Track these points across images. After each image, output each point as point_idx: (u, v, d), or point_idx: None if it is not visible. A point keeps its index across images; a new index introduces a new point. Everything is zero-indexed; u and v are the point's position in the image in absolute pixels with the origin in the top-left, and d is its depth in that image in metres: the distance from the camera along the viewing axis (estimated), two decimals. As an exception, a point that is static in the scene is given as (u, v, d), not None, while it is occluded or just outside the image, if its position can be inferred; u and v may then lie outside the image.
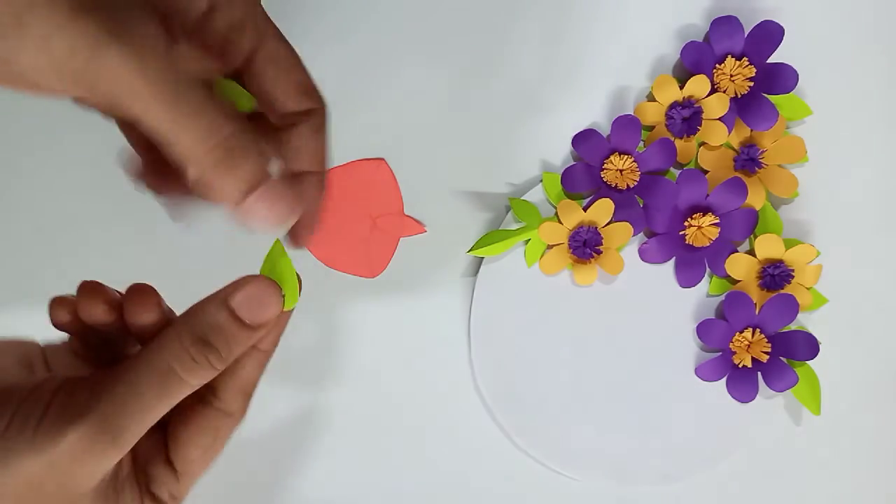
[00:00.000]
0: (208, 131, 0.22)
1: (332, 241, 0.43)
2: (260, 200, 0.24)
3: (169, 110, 0.22)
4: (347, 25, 0.44)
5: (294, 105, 0.27)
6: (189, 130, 0.22)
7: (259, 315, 0.27)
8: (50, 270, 0.43)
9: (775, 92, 0.41)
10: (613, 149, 0.42)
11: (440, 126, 0.43)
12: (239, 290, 0.27)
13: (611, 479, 0.42)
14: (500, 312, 0.42)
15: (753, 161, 0.42)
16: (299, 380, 0.43)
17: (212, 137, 0.22)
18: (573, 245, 0.42)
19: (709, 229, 0.41)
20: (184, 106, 0.22)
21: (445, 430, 0.43)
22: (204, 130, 0.22)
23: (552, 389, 0.42)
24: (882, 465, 0.43)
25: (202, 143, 0.22)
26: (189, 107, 0.22)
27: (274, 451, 0.43)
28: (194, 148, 0.22)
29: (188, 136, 0.22)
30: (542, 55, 0.44)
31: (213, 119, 0.22)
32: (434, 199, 0.43)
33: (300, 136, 0.27)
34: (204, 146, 0.22)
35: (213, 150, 0.23)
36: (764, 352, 0.41)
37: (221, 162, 0.23)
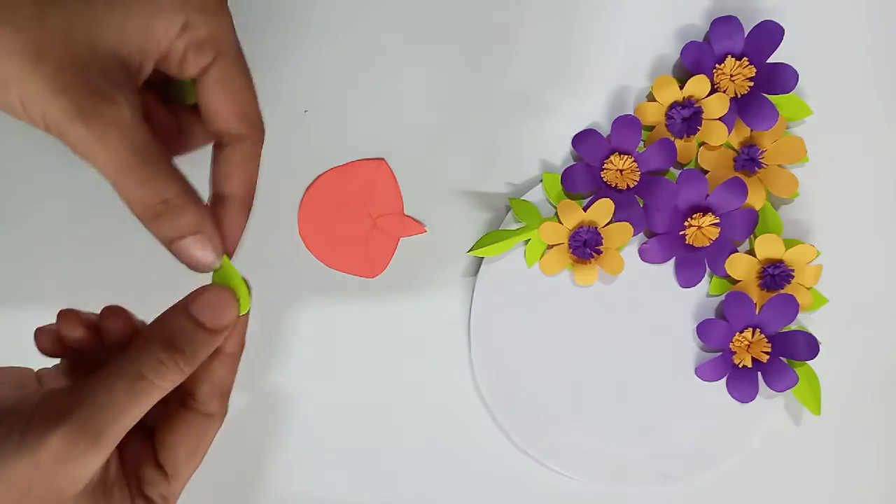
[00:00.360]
0: (149, 196, 0.27)
1: (333, 241, 0.43)
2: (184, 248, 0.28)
3: (120, 177, 0.26)
4: (347, 25, 0.44)
5: (230, 127, 0.29)
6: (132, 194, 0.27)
7: (218, 319, 0.29)
8: (47, 274, 0.43)
9: (775, 92, 0.41)
10: (613, 149, 0.42)
11: (440, 126, 0.43)
12: (198, 298, 0.29)
13: (611, 479, 0.42)
14: (500, 313, 0.42)
15: (753, 161, 0.42)
16: (299, 379, 0.43)
17: (154, 198, 0.27)
18: (573, 245, 0.42)
19: (709, 229, 0.41)
20: (131, 175, 0.26)
21: (445, 430, 0.43)
22: (149, 196, 0.27)
23: (552, 389, 0.42)
24: (882, 465, 0.43)
25: (141, 204, 0.27)
26: (135, 177, 0.26)
27: (272, 451, 0.43)
28: (138, 206, 0.27)
29: (134, 197, 0.27)
30: (542, 55, 0.44)
31: (155, 189, 0.27)
32: (434, 199, 0.43)
33: (230, 160, 0.29)
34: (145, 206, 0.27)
35: (153, 209, 0.27)
36: (764, 352, 0.41)
37: (158, 217, 0.27)
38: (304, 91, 0.43)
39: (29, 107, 0.25)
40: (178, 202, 0.27)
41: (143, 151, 0.26)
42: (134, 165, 0.26)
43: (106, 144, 0.25)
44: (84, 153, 0.26)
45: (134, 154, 0.26)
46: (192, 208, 0.28)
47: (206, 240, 0.28)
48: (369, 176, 0.43)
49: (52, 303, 0.43)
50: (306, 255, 0.43)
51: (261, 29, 0.43)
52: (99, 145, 0.25)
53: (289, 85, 0.43)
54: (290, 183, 0.43)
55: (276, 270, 0.43)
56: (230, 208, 0.30)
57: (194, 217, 0.28)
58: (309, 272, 0.43)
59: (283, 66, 0.43)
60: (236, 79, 0.29)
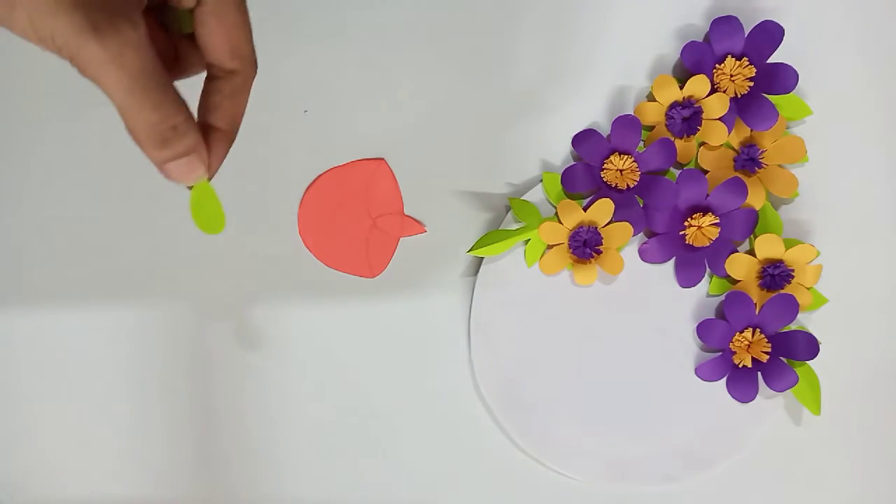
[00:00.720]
0: (159, 121, 0.26)
1: (333, 241, 0.43)
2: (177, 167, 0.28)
3: (132, 99, 0.25)
4: (347, 25, 0.44)
5: (222, 61, 0.29)
6: (143, 118, 0.26)
7: None
8: (48, 270, 0.43)
9: (775, 92, 0.41)
10: (613, 149, 0.42)
11: (440, 126, 0.43)
12: None
13: (611, 479, 0.42)
14: (500, 312, 0.42)
15: (753, 161, 0.42)
16: (299, 379, 0.43)
17: (160, 125, 0.26)
18: (573, 245, 0.42)
19: (709, 229, 0.41)
20: (145, 98, 0.26)
21: (445, 430, 0.43)
22: (155, 120, 0.26)
23: (552, 389, 0.42)
24: (882, 465, 0.43)
25: (151, 128, 0.26)
26: (149, 100, 0.26)
27: (272, 451, 0.43)
28: (143, 131, 0.26)
29: (141, 121, 0.26)
30: (542, 55, 0.44)
31: (166, 113, 0.26)
32: (434, 199, 0.43)
33: (219, 92, 0.30)
34: (151, 131, 0.27)
35: (156, 135, 0.27)
36: (764, 352, 0.41)
37: (159, 143, 0.27)
38: (304, 91, 0.43)
39: (38, 24, 0.24)
40: (185, 127, 0.27)
41: (156, 73, 0.26)
42: (147, 87, 0.25)
43: (121, 63, 0.25)
44: (96, 73, 0.25)
45: (147, 76, 0.25)
46: (194, 132, 0.28)
47: (197, 159, 0.29)
48: (369, 176, 0.43)
49: (52, 303, 0.43)
50: (306, 255, 0.43)
51: (261, 29, 0.43)
52: (114, 64, 0.24)
53: (289, 85, 0.43)
54: (290, 183, 0.43)
55: (277, 270, 0.43)
56: (214, 140, 0.30)
57: (195, 140, 0.28)
58: (309, 272, 0.43)
59: (283, 66, 0.43)
60: (232, 13, 0.29)
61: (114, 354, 0.43)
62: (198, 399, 0.43)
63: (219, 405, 0.43)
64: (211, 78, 0.30)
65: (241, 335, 0.43)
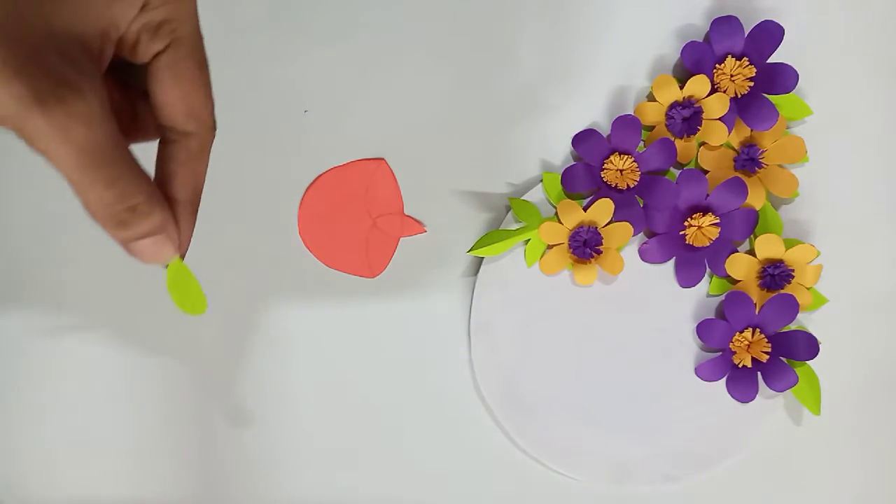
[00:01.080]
0: (114, 201, 0.24)
1: (333, 241, 0.43)
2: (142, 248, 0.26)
3: (82, 176, 0.23)
4: (347, 25, 0.44)
5: (176, 122, 0.27)
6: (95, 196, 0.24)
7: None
8: (48, 270, 0.43)
9: (775, 92, 0.41)
10: (613, 149, 0.42)
11: (440, 126, 0.43)
12: None
13: (611, 479, 0.42)
14: (500, 312, 0.42)
15: (753, 161, 0.42)
16: (299, 380, 0.43)
17: (115, 205, 0.24)
18: (573, 245, 0.42)
19: (709, 229, 0.41)
20: (96, 175, 0.23)
21: (445, 430, 0.43)
22: (110, 200, 0.24)
23: (552, 389, 0.42)
24: (882, 465, 0.43)
25: (105, 209, 0.24)
26: (101, 177, 0.23)
27: (272, 451, 0.43)
28: (97, 211, 0.24)
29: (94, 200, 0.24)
30: (542, 55, 0.44)
31: (123, 192, 0.24)
32: (434, 199, 0.43)
33: (174, 159, 0.27)
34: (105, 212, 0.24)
35: (111, 217, 0.24)
36: (764, 352, 0.41)
37: (116, 225, 0.25)
38: (304, 91, 0.43)
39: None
40: (146, 208, 0.25)
41: (111, 148, 0.23)
42: (99, 163, 0.23)
43: (67, 137, 0.22)
44: (42, 147, 0.22)
45: (99, 150, 0.23)
46: (159, 211, 0.25)
47: (166, 239, 0.26)
48: (369, 176, 0.43)
49: (52, 303, 0.43)
50: (306, 255, 0.43)
51: (261, 29, 0.43)
52: (60, 138, 0.22)
53: (289, 85, 0.43)
54: (290, 183, 0.43)
55: (276, 270, 0.43)
56: (177, 213, 0.27)
57: (160, 220, 0.26)
58: (309, 272, 0.43)
59: (283, 66, 0.43)
60: (189, 70, 0.26)
61: (113, 354, 0.43)
62: (197, 399, 0.43)
63: (218, 405, 0.43)
64: (165, 142, 0.27)
65: (240, 335, 0.43)
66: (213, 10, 0.43)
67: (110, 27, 0.24)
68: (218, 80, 0.43)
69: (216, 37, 0.43)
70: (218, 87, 0.45)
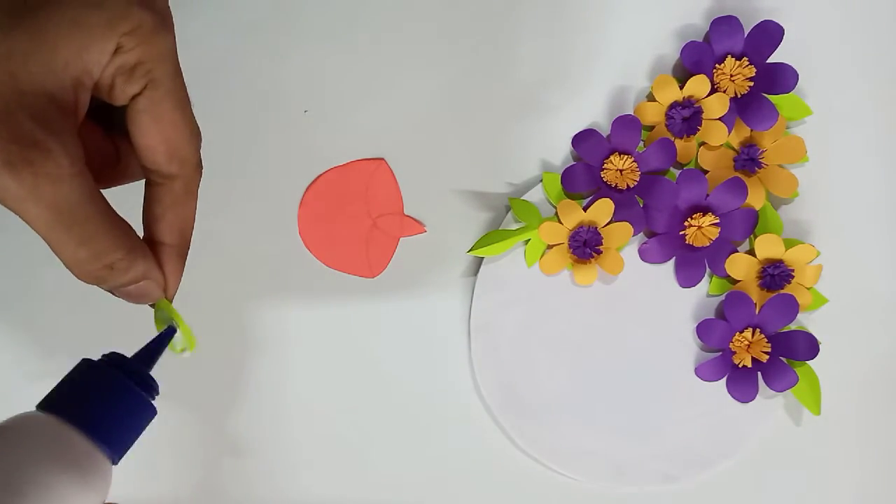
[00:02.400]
0: (89, 259, 0.24)
1: (333, 241, 0.43)
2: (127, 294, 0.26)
3: (55, 235, 0.23)
4: (347, 25, 0.44)
5: (158, 165, 0.26)
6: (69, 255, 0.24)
7: None
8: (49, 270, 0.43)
9: (775, 92, 0.41)
10: (613, 149, 0.42)
11: (440, 126, 0.43)
12: None
13: (611, 479, 0.42)
14: (500, 313, 0.42)
15: (753, 161, 0.42)
16: (299, 380, 0.43)
17: (90, 263, 0.24)
18: (573, 245, 0.42)
19: (709, 229, 0.41)
20: (69, 235, 0.23)
21: (445, 430, 0.43)
22: (84, 258, 0.24)
23: (552, 389, 0.42)
24: (882, 465, 0.43)
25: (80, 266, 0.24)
26: (73, 237, 0.23)
27: (272, 451, 0.43)
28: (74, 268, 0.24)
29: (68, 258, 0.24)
30: (542, 55, 0.44)
31: (98, 250, 0.24)
32: (434, 199, 0.43)
33: (159, 202, 0.27)
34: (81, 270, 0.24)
35: (87, 274, 0.24)
36: (764, 352, 0.41)
37: (96, 280, 0.25)
38: (304, 91, 0.43)
39: None
40: (124, 264, 0.25)
41: (83, 206, 0.23)
42: (71, 222, 0.23)
43: (37, 199, 0.22)
44: (14, 207, 0.23)
45: (71, 210, 0.23)
46: (140, 264, 0.25)
47: (151, 284, 0.26)
48: (369, 176, 0.43)
49: (52, 302, 0.43)
50: (306, 255, 0.43)
51: (261, 29, 0.43)
52: (29, 200, 0.22)
53: (289, 85, 0.43)
54: (290, 183, 0.43)
55: (277, 270, 0.43)
56: (163, 256, 0.27)
57: (142, 271, 0.26)
58: (309, 272, 0.43)
59: (283, 66, 0.43)
60: (168, 111, 0.25)
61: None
62: (197, 399, 0.43)
63: (218, 405, 0.43)
64: (150, 184, 0.27)
65: (240, 335, 0.43)
66: (213, 10, 0.43)
67: (83, 74, 0.24)
68: (218, 80, 0.43)
69: (216, 37, 0.43)
70: (218, 87, 0.45)
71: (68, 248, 0.24)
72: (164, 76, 0.25)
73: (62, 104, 0.23)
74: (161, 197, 0.26)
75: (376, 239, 0.43)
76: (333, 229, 0.43)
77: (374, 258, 0.43)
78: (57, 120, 0.23)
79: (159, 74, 0.25)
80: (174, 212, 0.27)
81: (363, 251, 0.43)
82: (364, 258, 0.43)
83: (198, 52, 0.43)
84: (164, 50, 0.25)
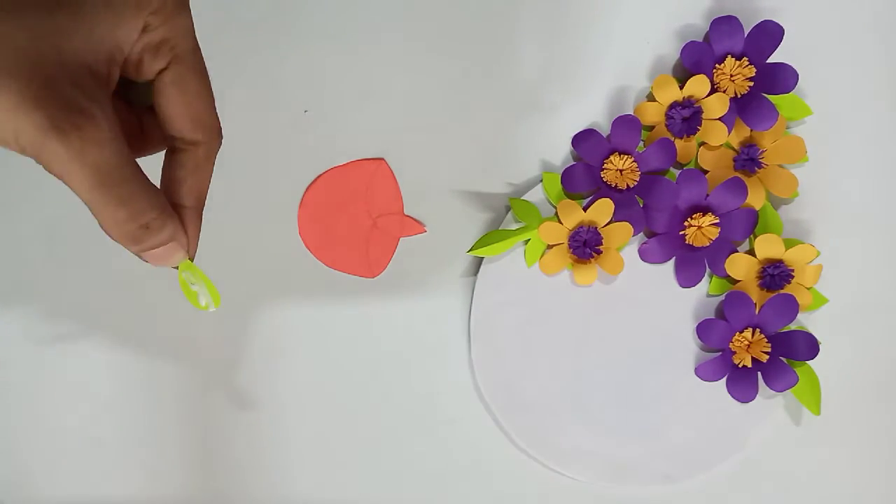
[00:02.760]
0: (127, 219, 0.26)
1: (333, 241, 0.43)
2: (154, 256, 0.28)
3: (98, 196, 0.25)
4: (347, 25, 0.44)
5: (184, 132, 0.28)
6: (109, 215, 0.25)
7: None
8: (49, 270, 0.43)
9: (775, 92, 0.41)
10: (613, 149, 0.42)
11: (440, 126, 0.43)
12: None
13: (611, 479, 0.42)
14: (500, 313, 0.42)
15: (753, 161, 0.42)
16: (299, 380, 0.43)
17: (128, 223, 0.26)
18: (573, 245, 0.42)
19: (709, 229, 0.41)
20: (110, 195, 0.25)
21: (445, 429, 0.43)
22: (123, 218, 0.26)
23: (552, 389, 0.42)
24: (882, 465, 0.43)
25: (119, 227, 0.26)
26: (114, 197, 0.25)
27: (272, 451, 0.43)
28: (112, 229, 0.26)
29: (108, 218, 0.26)
30: (542, 55, 0.44)
31: (135, 210, 0.26)
32: (434, 199, 0.43)
33: (182, 167, 0.29)
34: (120, 230, 0.26)
35: (125, 234, 0.26)
36: (764, 352, 0.41)
37: (130, 241, 0.27)
38: (304, 91, 0.43)
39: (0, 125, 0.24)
40: (158, 224, 0.27)
41: (123, 168, 0.25)
42: (113, 184, 0.25)
43: (83, 161, 0.24)
44: (60, 171, 0.24)
45: (112, 172, 0.25)
46: (170, 224, 0.27)
47: (176, 246, 0.28)
48: (369, 176, 0.43)
49: (52, 303, 0.43)
50: (306, 255, 0.43)
51: (261, 29, 0.43)
52: (76, 162, 0.24)
53: (289, 85, 0.43)
54: (290, 183, 0.43)
55: (277, 270, 0.43)
56: (184, 219, 0.29)
57: (171, 232, 0.27)
58: (309, 272, 0.43)
59: (283, 66, 0.43)
60: (192, 83, 0.28)
61: (113, 355, 0.43)
62: (197, 399, 0.43)
63: (218, 405, 0.43)
64: (172, 151, 0.29)
65: (240, 335, 0.43)
66: (213, 10, 0.43)
67: (115, 51, 0.26)
68: (218, 80, 0.43)
69: (216, 37, 0.43)
70: (218, 87, 0.45)
71: (108, 209, 0.25)
72: (186, 51, 0.27)
73: (99, 76, 0.25)
74: (185, 162, 0.28)
75: (376, 239, 0.43)
76: (333, 229, 0.43)
77: (374, 258, 0.43)
78: (96, 90, 0.25)
79: (182, 50, 0.27)
80: (196, 176, 0.29)
81: (363, 251, 0.43)
82: (364, 258, 0.43)
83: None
84: (185, 27, 0.27)
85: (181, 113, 0.28)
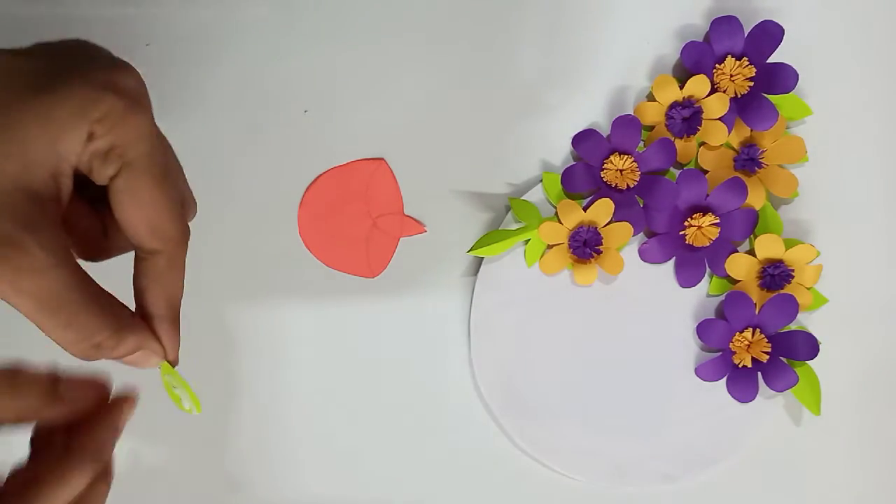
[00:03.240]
0: (77, 340, 0.25)
1: (333, 241, 0.43)
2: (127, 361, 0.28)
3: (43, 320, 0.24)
4: (347, 25, 0.44)
5: (140, 241, 0.27)
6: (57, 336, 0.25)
7: None
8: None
9: (775, 92, 0.41)
10: (613, 149, 0.42)
11: (440, 126, 0.43)
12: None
13: (611, 479, 0.42)
14: (500, 313, 0.42)
15: (753, 161, 0.42)
16: (299, 379, 0.43)
17: (79, 344, 0.25)
18: (573, 245, 0.42)
19: (709, 229, 0.41)
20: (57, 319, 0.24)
21: (445, 430, 0.43)
22: (72, 339, 0.25)
23: (552, 389, 0.42)
24: (882, 465, 0.43)
25: (70, 346, 0.25)
26: (62, 320, 0.25)
27: (272, 451, 0.43)
28: (67, 346, 0.25)
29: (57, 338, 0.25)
30: (542, 55, 0.44)
31: (84, 333, 0.25)
32: (434, 199, 0.43)
33: (144, 275, 0.28)
34: (75, 347, 0.26)
35: (82, 351, 0.26)
36: (764, 352, 0.41)
37: (88, 356, 0.26)
38: (304, 91, 0.43)
39: None
40: (112, 342, 0.26)
41: (66, 293, 0.24)
42: (54, 309, 0.24)
43: (18, 290, 0.24)
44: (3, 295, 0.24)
45: (52, 298, 0.24)
46: (130, 339, 0.26)
47: (147, 353, 0.28)
48: (369, 176, 0.43)
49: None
50: (306, 255, 0.43)
51: (261, 29, 0.43)
52: (10, 292, 0.24)
53: (289, 85, 0.43)
54: (290, 183, 0.43)
55: (276, 270, 0.43)
56: (156, 326, 0.28)
57: (133, 345, 0.27)
58: (309, 272, 0.43)
59: (283, 66, 0.43)
60: (145, 191, 0.26)
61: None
62: (196, 398, 0.42)
63: (218, 405, 0.43)
64: (136, 258, 0.28)
65: (240, 335, 0.43)
66: (213, 10, 0.43)
67: (61, 163, 0.24)
68: (218, 79, 0.43)
69: (216, 37, 0.43)
70: (218, 86, 0.45)
71: (55, 331, 0.25)
72: (139, 157, 0.26)
73: (42, 197, 0.24)
74: (146, 271, 0.27)
75: (376, 239, 0.43)
76: (333, 229, 0.43)
77: (374, 258, 0.43)
78: (35, 215, 0.24)
79: (134, 156, 0.25)
80: (159, 284, 0.28)
81: (363, 251, 0.43)
82: (364, 258, 0.43)
83: (198, 52, 0.43)
84: (137, 132, 0.25)
85: (136, 221, 0.26)
